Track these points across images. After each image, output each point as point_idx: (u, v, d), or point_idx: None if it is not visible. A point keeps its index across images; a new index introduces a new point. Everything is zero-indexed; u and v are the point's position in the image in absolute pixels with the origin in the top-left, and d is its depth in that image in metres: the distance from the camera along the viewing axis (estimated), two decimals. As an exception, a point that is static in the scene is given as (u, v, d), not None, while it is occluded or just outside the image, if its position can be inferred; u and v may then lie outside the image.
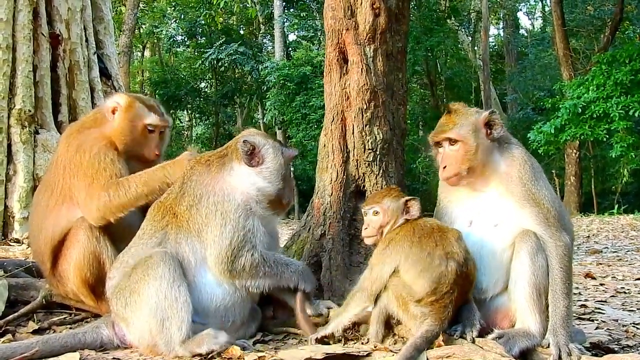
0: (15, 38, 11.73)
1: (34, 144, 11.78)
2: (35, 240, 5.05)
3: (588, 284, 8.40)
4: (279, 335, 4.58)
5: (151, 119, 5.05)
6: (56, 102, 12.41)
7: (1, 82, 11.46)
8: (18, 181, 11.47)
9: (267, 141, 4.53)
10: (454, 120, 4.26)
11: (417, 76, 50.09)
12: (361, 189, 5.19)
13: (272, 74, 36.65)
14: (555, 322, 3.91)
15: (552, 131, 30.35)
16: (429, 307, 3.82)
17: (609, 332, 5.23)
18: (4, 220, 11.39)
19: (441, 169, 4.25)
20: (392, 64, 5.32)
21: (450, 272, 3.81)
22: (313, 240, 5.20)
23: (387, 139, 5.15)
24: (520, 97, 48.11)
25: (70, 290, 4.87)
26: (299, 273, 4.46)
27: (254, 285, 4.32)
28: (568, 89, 31.03)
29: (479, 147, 4.14)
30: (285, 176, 4.49)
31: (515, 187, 4.09)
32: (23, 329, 4.73)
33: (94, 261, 4.67)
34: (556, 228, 4.03)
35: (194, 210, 4.31)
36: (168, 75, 51.31)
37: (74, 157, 4.81)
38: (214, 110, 51.84)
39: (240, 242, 4.21)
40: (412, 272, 3.87)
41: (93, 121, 5.12)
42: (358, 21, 5.19)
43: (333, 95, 5.27)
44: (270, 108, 37.33)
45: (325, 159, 5.28)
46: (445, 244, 3.90)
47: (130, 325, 4.19)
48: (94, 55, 13.41)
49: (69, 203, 4.82)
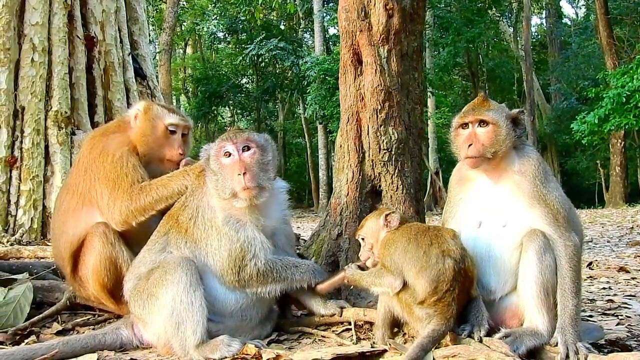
0: (50, 41, 11.95)
1: (70, 145, 12.00)
2: (56, 244, 5.17)
3: (620, 277, 8.26)
4: (293, 335, 4.62)
5: (171, 118, 5.13)
6: (92, 103, 12.62)
7: (38, 85, 11.68)
8: (55, 182, 11.68)
9: (212, 143, 4.48)
10: (488, 104, 4.27)
11: (459, 68, 49.77)
12: (377, 188, 5.21)
13: (312, 69, 36.68)
14: (563, 321, 3.88)
15: (596, 121, 30.00)
16: (432, 307, 3.83)
17: (629, 328, 5.15)
18: (43, 220, 11.63)
19: (464, 147, 4.19)
20: (407, 64, 5.33)
21: (448, 269, 3.82)
22: (330, 240, 5.25)
23: (402, 139, 5.16)
24: (564, 87, 47.50)
25: (91, 294, 4.97)
26: (310, 272, 4.48)
27: (265, 291, 4.36)
28: (612, 78, 30.60)
29: (506, 138, 4.15)
30: (219, 175, 4.32)
31: (527, 186, 4.08)
32: (47, 330, 4.85)
33: (110, 266, 4.75)
34: (565, 228, 4.01)
35: (192, 223, 4.38)
36: (209, 72, 51.79)
37: (96, 159, 4.90)
38: (256, 105, 52.16)
39: (239, 254, 4.24)
40: (412, 272, 3.89)
41: (117, 127, 5.22)
42: (372, 22, 5.21)
43: (348, 96, 5.30)
44: (311, 103, 37.37)
45: (341, 160, 5.31)
46: (441, 242, 3.93)
47: (148, 326, 4.28)
48: (128, 56, 13.57)
49: (88, 206, 4.91)
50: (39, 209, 11.58)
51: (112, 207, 4.75)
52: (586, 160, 45.22)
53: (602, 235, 16.96)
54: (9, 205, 11.51)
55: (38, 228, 11.56)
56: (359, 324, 4.50)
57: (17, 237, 11.12)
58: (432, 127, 42.88)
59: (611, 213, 28.06)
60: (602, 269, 9.23)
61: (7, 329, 4.62)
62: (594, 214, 27.99)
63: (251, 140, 4.36)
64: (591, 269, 9.39)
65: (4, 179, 11.45)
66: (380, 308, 4.16)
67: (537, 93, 46.51)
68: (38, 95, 11.70)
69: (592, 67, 44.59)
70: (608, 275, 8.39)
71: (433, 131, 43.11)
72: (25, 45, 11.72)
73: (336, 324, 4.60)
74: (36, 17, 11.72)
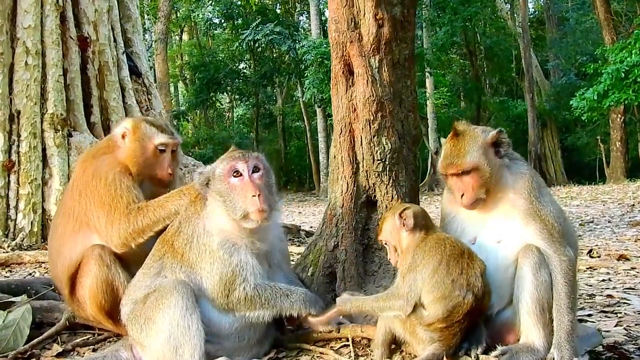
0: (44, 43, 11.97)
1: (67, 147, 12.04)
2: (53, 266, 5.18)
3: (619, 268, 8.23)
4: (292, 352, 4.62)
5: (160, 138, 5.09)
6: (88, 103, 12.65)
7: (33, 88, 11.69)
8: (54, 184, 11.74)
9: (213, 165, 4.47)
10: (463, 147, 4.14)
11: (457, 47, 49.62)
12: (372, 199, 5.19)
13: (309, 53, 36.63)
14: (560, 336, 3.89)
15: (595, 97, 29.92)
16: (438, 332, 3.84)
17: (627, 330, 5.14)
18: (43, 223, 11.68)
19: (458, 197, 4.17)
20: (399, 72, 5.29)
21: (466, 304, 3.81)
22: (327, 252, 5.24)
23: (395, 149, 5.14)
24: (562, 63, 47.35)
25: (89, 314, 4.99)
26: (302, 301, 4.41)
27: (253, 316, 4.34)
28: (610, 54, 30.46)
29: (492, 169, 4.09)
30: (227, 196, 4.31)
31: (522, 203, 4.06)
32: (47, 352, 4.85)
33: (107, 288, 4.76)
34: (560, 243, 4.01)
35: (188, 248, 4.36)
36: (206, 59, 51.75)
37: (89, 183, 4.89)
38: (254, 91, 52.15)
39: (230, 277, 4.24)
40: (431, 296, 3.86)
41: (106, 147, 5.19)
42: (362, 33, 5.16)
43: (340, 107, 5.27)
44: (309, 86, 37.39)
45: (335, 171, 5.30)
46: (470, 274, 3.87)
47: (147, 350, 4.27)
48: (123, 55, 13.57)
49: (85, 229, 4.91)
50: (38, 212, 11.63)
51: (111, 230, 4.75)
52: (586, 136, 45.08)
53: (603, 214, 16.94)
54: (9, 209, 11.57)
55: (38, 231, 11.62)
56: (356, 340, 4.49)
57: (17, 241, 11.18)
58: (431, 108, 42.83)
59: (612, 189, 28.04)
60: (602, 257, 9.22)
61: (8, 353, 4.63)
62: (595, 191, 27.97)
63: (260, 161, 4.38)
64: (591, 256, 9.39)
65: (3, 184, 11.51)
66: (380, 327, 4.14)
67: (535, 70, 46.31)
68: (33, 99, 11.73)
69: (591, 43, 44.38)
70: (607, 265, 8.35)
71: (432, 111, 43.07)
72: (19, 48, 11.74)
73: (334, 339, 4.59)
74: (28, 20, 11.72)
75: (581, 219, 15.87)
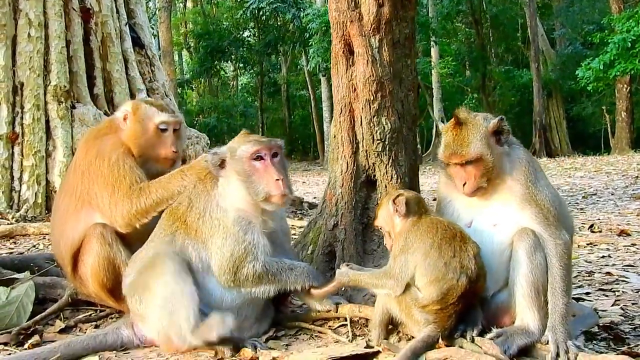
0: (46, 15, 11.94)
1: (71, 119, 12.06)
2: (56, 244, 5.25)
3: (620, 244, 8.27)
4: (291, 330, 4.68)
5: (161, 117, 5.12)
6: (90, 75, 12.64)
7: (36, 60, 11.69)
8: (58, 156, 11.77)
9: (229, 149, 4.51)
10: (466, 137, 4.13)
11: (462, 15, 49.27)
12: (372, 179, 5.22)
13: (314, 21, 36.48)
14: (554, 319, 3.93)
15: (601, 67, 29.81)
16: (433, 314, 3.88)
17: (624, 309, 5.18)
18: (47, 194, 11.74)
19: (459, 185, 4.16)
20: (399, 52, 5.29)
21: (460, 286, 3.85)
22: (327, 231, 5.29)
23: (395, 129, 5.15)
24: (568, 32, 47.00)
25: (91, 292, 5.06)
26: (305, 274, 4.52)
27: (259, 292, 4.43)
28: (617, 23, 30.25)
29: (495, 159, 4.09)
30: (247, 177, 4.41)
31: (519, 188, 4.08)
32: (50, 328, 4.93)
33: (108, 266, 4.82)
34: (555, 227, 4.03)
35: (201, 222, 4.43)
36: (210, 27, 51.49)
37: (92, 163, 4.94)
38: (258, 59, 51.92)
39: (242, 254, 4.32)
40: (425, 279, 3.91)
41: (108, 128, 5.22)
42: (362, 12, 5.15)
43: (340, 87, 5.28)
44: (314, 55, 37.29)
45: (335, 151, 5.32)
46: (463, 257, 3.91)
47: (146, 322, 4.36)
48: (125, 26, 13.54)
49: (87, 208, 4.97)
50: (42, 184, 11.69)
51: (115, 210, 4.81)
52: (592, 106, 44.92)
53: (606, 187, 16.96)
54: (13, 181, 11.64)
55: (42, 203, 11.69)
56: (354, 320, 4.56)
57: (21, 212, 11.26)
58: (436, 77, 42.66)
59: (617, 160, 28.01)
60: (603, 233, 9.26)
61: (11, 329, 4.70)
62: (599, 162, 27.94)
63: (280, 147, 4.53)
64: (593, 231, 9.44)
65: (6, 156, 11.55)
66: (377, 308, 4.19)
67: (541, 39, 46.03)
68: (36, 71, 11.73)
69: (597, 11, 44.07)
70: (608, 241, 8.39)
71: (437, 81, 42.91)
72: (21, 20, 11.72)
73: (332, 319, 4.67)
74: (31, -9, 11.67)
75: (584, 191, 15.90)
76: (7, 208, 11.35)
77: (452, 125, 4.22)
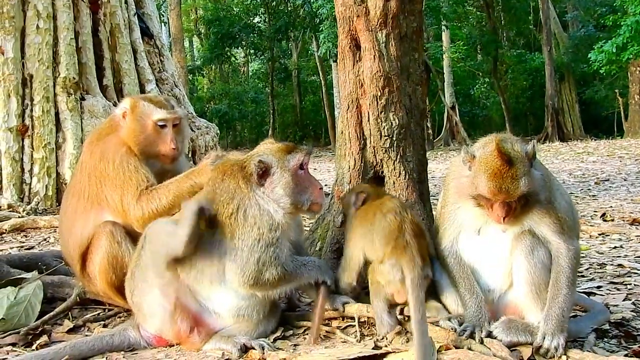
0: (55, 6, 11.92)
1: (80, 111, 12.06)
2: (65, 244, 5.25)
3: (632, 234, 8.20)
4: (299, 330, 4.65)
5: (159, 114, 5.09)
6: (100, 66, 12.64)
7: (45, 52, 11.69)
8: (68, 148, 11.78)
9: (275, 158, 4.40)
10: (515, 174, 3.88)
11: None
12: (379, 175, 5.19)
13: (324, 7, 36.33)
14: (549, 308, 3.94)
15: (614, 50, 29.61)
16: (392, 257, 4.07)
17: (636, 304, 5.14)
18: (57, 187, 11.76)
19: (495, 216, 3.97)
20: (406, 46, 5.24)
21: (391, 222, 4.11)
22: (334, 228, 5.26)
23: (403, 124, 5.11)
24: (581, 15, 46.66)
25: (100, 290, 5.06)
26: (317, 268, 4.48)
27: (276, 294, 4.39)
28: (630, 5, 29.98)
29: (535, 184, 3.96)
30: (295, 187, 4.34)
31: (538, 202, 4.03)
32: (59, 328, 4.92)
33: (117, 265, 4.82)
34: (569, 236, 4.07)
35: (233, 219, 4.28)
36: (221, 13, 51.38)
37: (97, 166, 4.94)
38: (269, 45, 51.77)
39: (269, 258, 4.22)
40: (369, 246, 4.22)
41: (110, 127, 5.19)
42: (369, 7, 5.10)
43: (347, 82, 5.24)
44: (324, 41, 37.19)
45: (343, 147, 5.29)
46: (382, 208, 4.22)
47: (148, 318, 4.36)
48: (134, 17, 13.51)
49: (97, 208, 4.97)
50: (52, 176, 11.71)
51: (129, 211, 4.81)
52: (604, 89, 44.64)
53: (619, 171, 16.88)
54: (23, 173, 11.65)
55: (53, 195, 11.71)
56: (362, 320, 4.52)
57: (32, 205, 11.27)
58: (447, 62, 42.47)
59: (630, 144, 27.88)
60: (615, 221, 9.20)
61: (20, 329, 4.69)
62: (612, 146, 27.82)
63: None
64: (605, 220, 9.38)
65: (17, 148, 11.57)
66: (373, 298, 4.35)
67: (553, 22, 45.66)
68: (45, 62, 11.73)
69: (610, -7, 43.74)
70: (620, 231, 8.33)
71: (449, 65, 42.73)
72: (30, 12, 11.71)
73: (340, 318, 4.63)
74: (39, -18, 11.66)
75: (597, 177, 15.82)
76: (18, 201, 11.37)
77: (498, 161, 3.91)
